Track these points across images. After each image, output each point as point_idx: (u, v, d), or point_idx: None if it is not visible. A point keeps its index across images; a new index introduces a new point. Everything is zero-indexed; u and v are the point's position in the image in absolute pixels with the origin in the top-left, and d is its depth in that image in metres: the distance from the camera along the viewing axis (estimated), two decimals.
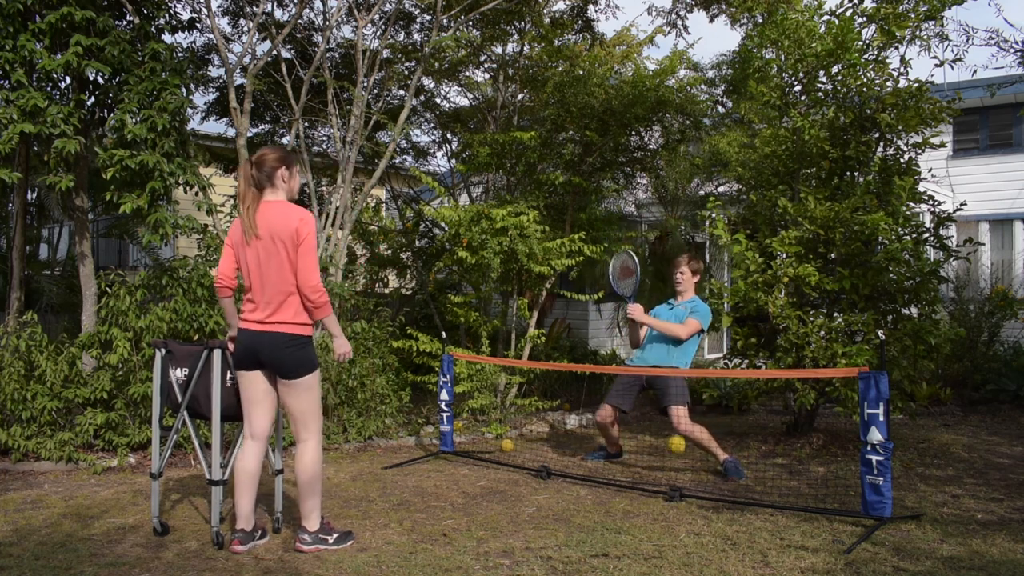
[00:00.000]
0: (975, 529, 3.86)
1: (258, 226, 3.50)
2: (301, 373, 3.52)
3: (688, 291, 5.45)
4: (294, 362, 3.50)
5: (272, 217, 3.51)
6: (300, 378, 3.53)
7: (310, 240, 3.50)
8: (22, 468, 5.21)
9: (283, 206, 3.56)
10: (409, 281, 9.52)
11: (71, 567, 3.38)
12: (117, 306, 5.49)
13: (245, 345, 3.55)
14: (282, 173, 3.60)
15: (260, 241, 3.49)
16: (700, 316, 5.28)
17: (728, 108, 11.01)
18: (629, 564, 3.38)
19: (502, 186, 8.95)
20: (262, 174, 3.57)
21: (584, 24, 9.45)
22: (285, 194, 3.63)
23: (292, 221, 3.49)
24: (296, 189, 3.71)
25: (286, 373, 3.53)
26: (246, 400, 3.64)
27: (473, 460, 5.65)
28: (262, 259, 3.50)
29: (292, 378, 3.53)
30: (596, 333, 11.62)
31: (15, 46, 5.21)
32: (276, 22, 8.10)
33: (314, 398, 3.60)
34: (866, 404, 3.87)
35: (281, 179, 3.60)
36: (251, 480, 3.62)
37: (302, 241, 3.48)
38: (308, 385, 3.56)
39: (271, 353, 3.51)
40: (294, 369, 3.51)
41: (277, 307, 3.51)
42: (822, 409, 6.48)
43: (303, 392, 3.56)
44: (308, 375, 3.55)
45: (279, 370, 3.54)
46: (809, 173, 6.23)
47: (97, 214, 10.39)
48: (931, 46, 6.09)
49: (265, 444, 3.68)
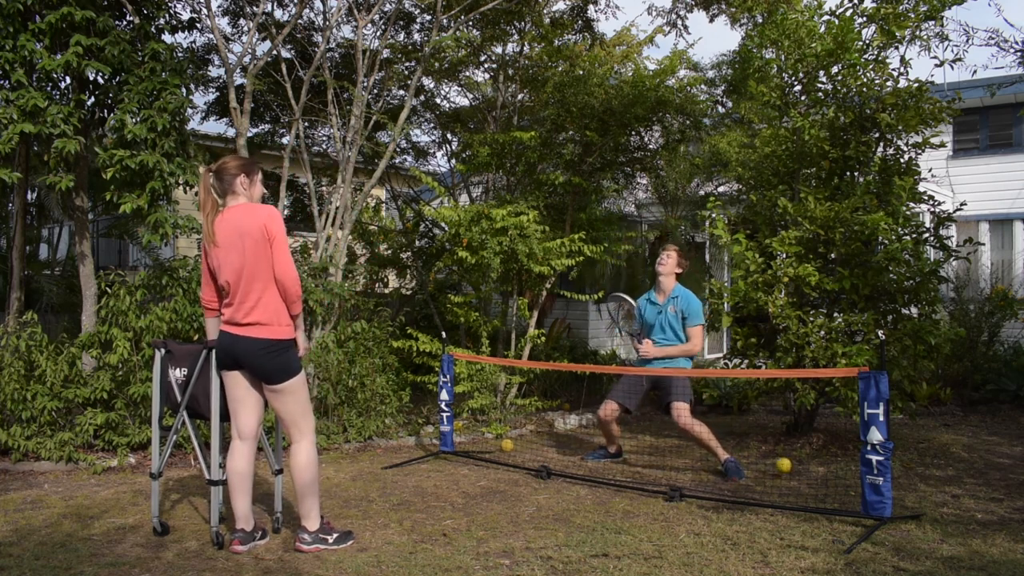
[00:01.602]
0: (975, 529, 3.86)
1: (221, 230, 3.50)
2: (283, 379, 3.51)
3: (670, 280, 5.34)
4: (274, 367, 3.50)
5: (239, 218, 3.51)
6: (282, 383, 3.52)
7: (281, 234, 3.51)
8: (22, 468, 5.21)
9: (248, 206, 3.56)
10: (409, 281, 9.52)
11: (71, 567, 3.38)
12: (117, 306, 5.49)
13: (223, 347, 3.56)
14: (241, 180, 3.57)
15: (228, 243, 3.49)
16: (695, 316, 5.24)
17: (728, 108, 11.02)
18: (629, 564, 3.38)
19: (502, 186, 8.95)
20: (223, 183, 3.56)
21: (584, 24, 9.45)
22: (246, 200, 3.62)
23: (260, 218, 3.50)
24: (257, 196, 3.66)
25: (267, 379, 3.53)
26: (230, 399, 3.64)
27: (473, 460, 5.65)
28: (233, 260, 3.48)
29: (274, 383, 3.53)
30: (596, 333, 11.62)
31: (15, 46, 5.21)
32: (276, 22, 8.10)
33: (301, 400, 3.59)
34: (866, 404, 3.87)
35: (241, 186, 3.58)
36: (243, 480, 3.61)
37: (273, 237, 3.49)
38: (292, 389, 3.55)
39: (248, 359, 3.51)
40: (274, 375, 3.51)
41: (252, 306, 3.49)
42: (822, 409, 6.48)
43: (288, 396, 3.55)
44: (290, 379, 3.54)
45: (260, 376, 3.54)
46: (809, 173, 6.23)
47: (97, 214, 10.39)
48: (931, 46, 6.09)
49: (254, 443, 3.66)
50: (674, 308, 5.26)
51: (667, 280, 5.37)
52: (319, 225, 6.94)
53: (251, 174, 3.62)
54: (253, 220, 3.49)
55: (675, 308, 5.26)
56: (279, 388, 3.53)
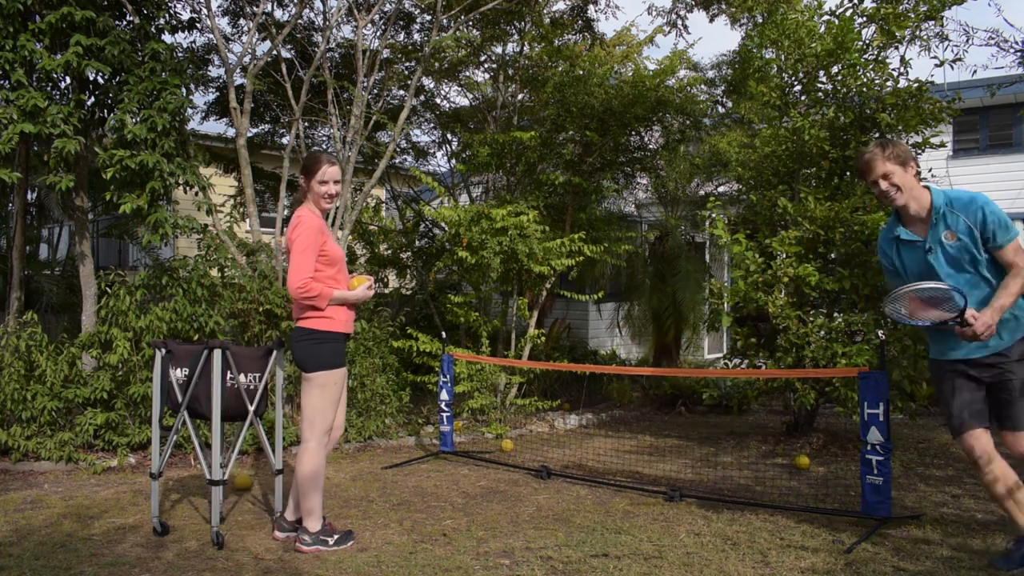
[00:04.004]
0: (975, 529, 3.86)
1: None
2: (309, 368, 3.58)
3: (915, 188, 3.25)
4: (302, 355, 3.59)
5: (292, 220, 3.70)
6: (308, 373, 3.59)
7: (298, 241, 3.56)
8: (22, 468, 5.21)
9: (298, 212, 3.68)
10: (409, 281, 9.52)
11: (71, 567, 3.38)
12: (117, 306, 5.49)
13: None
14: (302, 181, 3.72)
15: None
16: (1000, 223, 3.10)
17: (728, 108, 11.00)
18: (629, 564, 3.38)
19: (502, 186, 8.95)
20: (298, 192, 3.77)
21: (584, 24, 9.45)
22: (311, 201, 3.70)
23: (291, 224, 3.63)
24: (312, 197, 3.69)
25: (298, 365, 3.63)
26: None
27: (473, 460, 5.65)
28: None
29: (305, 371, 3.61)
30: (596, 333, 11.62)
31: (15, 46, 5.21)
32: (276, 22, 8.10)
33: (323, 398, 3.61)
34: (866, 404, 3.87)
35: (303, 188, 3.73)
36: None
37: (290, 243, 3.59)
38: (317, 383, 3.59)
39: (291, 345, 3.67)
40: (302, 362, 3.60)
41: (296, 306, 3.65)
42: (822, 409, 6.48)
43: (311, 388, 3.60)
44: (316, 372, 3.58)
45: (295, 363, 3.67)
46: (809, 173, 6.23)
47: (97, 214, 10.39)
48: (931, 46, 6.10)
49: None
50: (952, 234, 3.17)
51: (917, 193, 3.25)
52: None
53: (304, 173, 3.71)
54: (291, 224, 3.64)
55: (953, 233, 3.17)
56: (306, 378, 3.61)
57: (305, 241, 3.54)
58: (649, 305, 9.87)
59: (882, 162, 3.24)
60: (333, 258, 3.63)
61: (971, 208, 3.14)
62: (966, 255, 3.16)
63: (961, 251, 3.17)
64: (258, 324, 6.03)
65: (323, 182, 3.64)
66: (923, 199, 3.24)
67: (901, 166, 3.23)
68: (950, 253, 3.19)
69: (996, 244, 3.10)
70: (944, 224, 3.19)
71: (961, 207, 3.16)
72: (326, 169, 3.64)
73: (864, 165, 3.31)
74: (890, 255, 3.41)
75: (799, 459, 5.32)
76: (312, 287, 3.52)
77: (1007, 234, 3.09)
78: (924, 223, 3.26)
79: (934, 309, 3.12)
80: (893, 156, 3.24)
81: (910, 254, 3.33)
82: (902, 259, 3.36)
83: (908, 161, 3.25)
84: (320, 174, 3.64)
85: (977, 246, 3.13)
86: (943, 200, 3.20)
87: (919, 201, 3.26)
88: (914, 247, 3.30)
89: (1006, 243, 3.09)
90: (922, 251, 3.26)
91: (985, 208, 3.11)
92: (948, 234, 3.18)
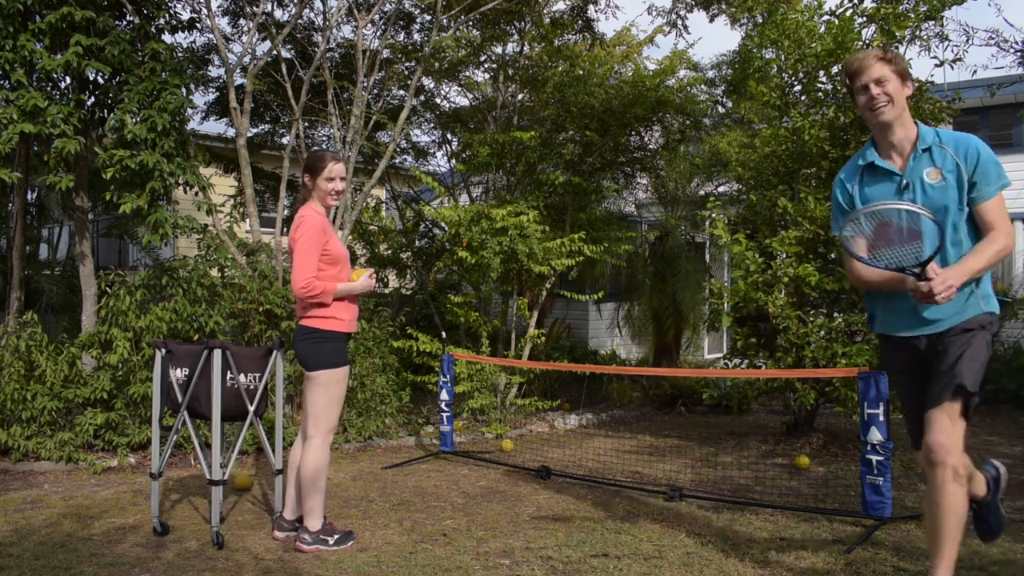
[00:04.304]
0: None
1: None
2: (311, 366, 3.59)
3: (906, 112, 2.73)
4: (304, 353, 3.60)
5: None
6: (312, 371, 3.59)
7: (300, 241, 3.56)
8: (22, 468, 5.21)
9: (301, 210, 3.67)
10: (409, 281, 9.52)
11: (71, 567, 3.38)
12: (117, 306, 5.49)
13: None
14: (306, 180, 3.71)
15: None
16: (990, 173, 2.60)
17: (728, 108, 11.00)
18: (629, 564, 3.38)
19: (502, 186, 8.95)
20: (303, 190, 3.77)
21: (584, 24, 9.45)
22: (317, 199, 3.70)
23: (294, 223, 3.63)
24: (317, 194, 3.68)
25: (302, 364, 3.64)
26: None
27: (473, 460, 5.65)
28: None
29: (307, 370, 3.62)
30: (596, 333, 11.62)
31: (15, 46, 5.21)
32: (276, 22, 8.10)
33: (327, 396, 3.61)
34: (866, 404, 3.87)
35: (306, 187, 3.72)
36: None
37: (294, 243, 3.59)
38: (321, 381, 3.59)
39: (293, 343, 3.68)
40: (304, 360, 3.61)
41: (300, 304, 3.66)
42: (822, 409, 6.48)
43: (315, 387, 3.61)
44: (320, 371, 3.58)
45: (299, 362, 3.67)
46: (809, 173, 6.23)
47: (97, 214, 10.39)
48: (931, 46, 6.10)
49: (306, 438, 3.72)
50: (936, 171, 2.66)
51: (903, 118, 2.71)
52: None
53: (309, 172, 3.70)
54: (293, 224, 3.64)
55: (938, 170, 2.65)
56: (310, 376, 3.61)
57: (308, 240, 3.54)
58: (649, 305, 9.86)
59: (880, 64, 2.67)
60: (336, 257, 3.63)
61: (965, 146, 2.63)
62: (946, 202, 2.60)
63: (943, 195, 2.61)
64: (258, 324, 6.03)
65: (330, 179, 3.64)
66: (910, 127, 2.70)
67: (899, 77, 2.67)
68: (929, 195, 2.63)
69: (980, 194, 2.58)
70: (929, 158, 2.66)
71: (951, 143, 2.64)
72: (332, 166, 3.65)
73: (857, 64, 2.71)
74: (849, 190, 2.81)
75: (799, 459, 5.32)
76: (315, 286, 3.53)
77: (997, 182, 2.59)
78: (903, 157, 2.71)
79: (898, 245, 2.56)
80: (893, 61, 2.68)
81: (878, 189, 2.73)
82: (865, 196, 2.76)
83: (907, 78, 2.71)
84: (327, 171, 3.64)
85: (961, 193, 2.60)
86: (933, 134, 2.69)
87: (906, 128, 2.70)
88: (886, 181, 2.72)
89: (992, 195, 2.58)
90: (896, 187, 2.69)
91: (980, 148, 2.61)
92: (932, 171, 2.64)
